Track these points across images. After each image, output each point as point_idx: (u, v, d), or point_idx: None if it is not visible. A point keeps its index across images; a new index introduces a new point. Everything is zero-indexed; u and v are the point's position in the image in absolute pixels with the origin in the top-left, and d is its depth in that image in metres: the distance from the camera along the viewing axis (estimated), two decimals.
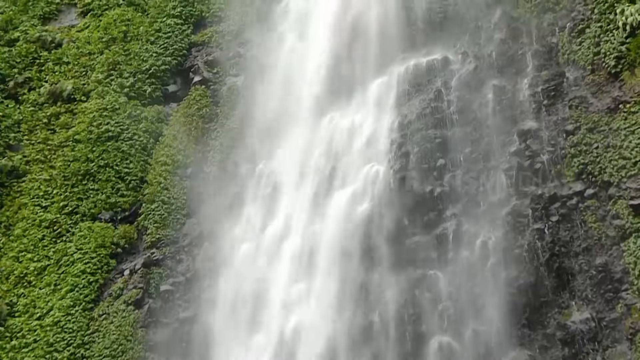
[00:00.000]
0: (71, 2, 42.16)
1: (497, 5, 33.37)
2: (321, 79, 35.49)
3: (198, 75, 39.05)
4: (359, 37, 35.41)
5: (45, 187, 36.13)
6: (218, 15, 40.63)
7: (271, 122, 36.07)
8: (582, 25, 30.71)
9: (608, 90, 29.30)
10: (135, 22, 40.54)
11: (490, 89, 31.90)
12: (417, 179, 31.29)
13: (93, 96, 38.33)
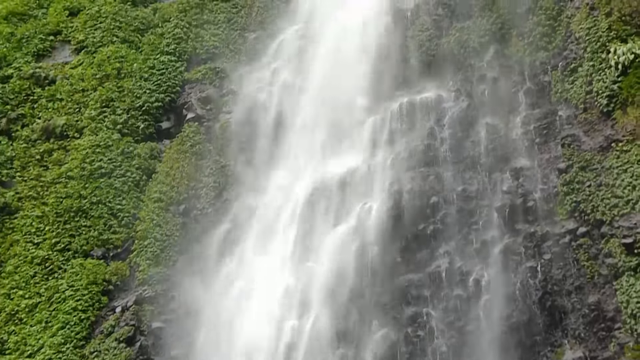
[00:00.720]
0: (65, 39, 42.19)
1: (490, 44, 33.55)
2: (313, 114, 35.54)
3: (191, 112, 39.02)
4: (352, 74, 35.42)
5: (37, 223, 35.99)
6: (212, 53, 40.69)
7: (264, 159, 36.10)
8: (574, 64, 30.89)
9: (600, 129, 29.42)
10: (129, 59, 40.57)
11: (483, 127, 32.03)
12: (410, 217, 31.27)
13: (86, 133, 38.26)
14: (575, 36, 31.12)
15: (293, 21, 39.39)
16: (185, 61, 40.73)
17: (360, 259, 30.86)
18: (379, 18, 36.14)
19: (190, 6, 41.91)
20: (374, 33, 35.98)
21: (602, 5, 30.27)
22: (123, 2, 43.01)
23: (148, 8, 43.02)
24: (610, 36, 29.83)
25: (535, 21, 32.67)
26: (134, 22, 42.09)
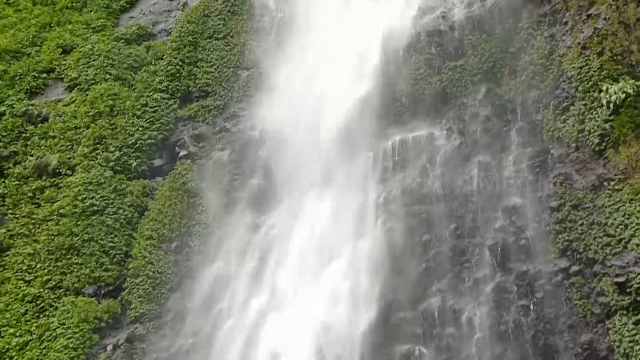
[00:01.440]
0: (58, 77, 42.31)
1: (482, 82, 33.63)
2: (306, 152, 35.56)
3: (184, 150, 39.04)
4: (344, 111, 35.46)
5: (29, 261, 35.87)
6: (205, 90, 40.76)
7: (257, 197, 36.10)
8: (566, 103, 30.94)
9: (592, 168, 29.44)
10: (122, 96, 40.63)
11: (475, 165, 32.05)
12: (402, 255, 31.22)
13: (78, 170, 38.23)
14: (567, 75, 31.19)
15: (286, 60, 39.41)
16: (178, 99, 40.81)
17: (352, 297, 30.79)
18: (371, 56, 36.14)
19: (183, 44, 42.03)
20: (366, 71, 35.99)
21: (594, 44, 30.40)
22: (116, 40, 43.22)
23: (141, 46, 43.18)
24: (602, 75, 29.90)
25: (527, 60, 32.77)
26: (127, 60, 42.24)
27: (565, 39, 31.94)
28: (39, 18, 44.94)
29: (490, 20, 34.40)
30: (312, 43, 38.46)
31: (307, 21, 39.55)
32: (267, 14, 42.18)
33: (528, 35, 33.21)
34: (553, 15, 32.79)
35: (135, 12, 45.32)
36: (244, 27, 42.01)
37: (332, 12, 39.03)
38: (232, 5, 43.03)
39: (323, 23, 38.92)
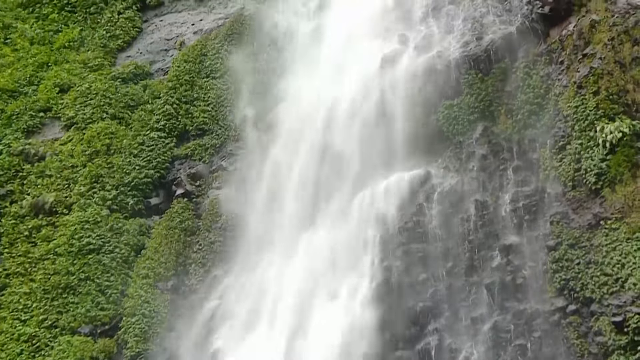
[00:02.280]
0: (55, 116, 42.30)
1: (478, 121, 33.66)
2: (304, 193, 35.58)
3: (181, 188, 39.09)
4: (341, 151, 35.55)
5: (25, 300, 35.78)
6: (202, 129, 40.85)
7: (253, 236, 36.07)
8: (562, 142, 30.94)
9: (589, 207, 29.43)
10: (119, 135, 40.68)
11: (472, 204, 32.04)
12: (399, 294, 31.19)
13: (75, 209, 38.21)
14: (564, 114, 31.21)
15: (283, 98, 39.54)
16: (175, 137, 40.87)
17: (348, 336, 30.70)
18: (368, 95, 36.20)
19: (180, 83, 42.15)
20: (363, 110, 36.04)
21: (590, 83, 30.46)
22: (113, 79, 43.29)
23: (138, 85, 43.25)
24: (598, 114, 29.91)
25: (524, 99, 32.80)
26: (124, 99, 42.30)
27: (561, 78, 32.02)
28: (36, 57, 45.02)
29: (486, 59, 34.46)
30: (311, 81, 38.53)
31: (307, 60, 39.65)
32: (266, 54, 42.29)
33: (524, 74, 33.25)
34: (549, 55, 32.87)
35: (132, 51, 45.47)
36: (241, 66, 42.05)
37: (330, 50, 39.13)
38: (228, 45, 43.20)
39: (321, 61, 39.04)
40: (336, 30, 39.33)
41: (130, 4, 47.17)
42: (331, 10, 40.73)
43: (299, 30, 41.47)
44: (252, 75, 41.68)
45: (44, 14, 47.57)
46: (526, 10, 33.95)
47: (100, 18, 46.65)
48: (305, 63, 39.52)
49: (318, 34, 40.15)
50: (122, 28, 46.13)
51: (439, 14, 37.41)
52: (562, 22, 32.79)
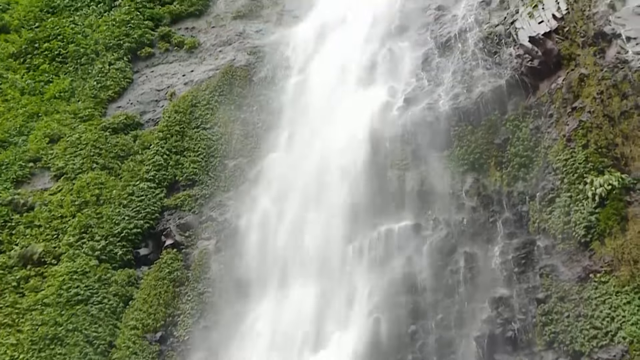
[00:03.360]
0: (45, 166, 42.22)
1: (468, 173, 33.79)
2: (292, 243, 35.57)
3: (170, 239, 38.98)
4: (332, 201, 35.58)
5: (11, 351, 35.39)
6: (191, 179, 40.82)
7: (242, 287, 35.97)
8: (552, 195, 31.05)
9: (578, 260, 29.45)
10: (109, 185, 40.62)
11: (461, 256, 32.10)
12: (389, 345, 31.09)
13: (64, 259, 38.02)
14: (553, 167, 31.36)
15: (273, 149, 39.65)
16: (164, 188, 40.81)
17: None
18: (358, 146, 36.29)
19: (170, 134, 42.21)
20: (353, 161, 36.12)
21: (579, 137, 30.63)
22: (103, 129, 43.30)
23: (128, 135, 43.29)
24: (587, 168, 30.05)
25: (513, 151, 32.96)
26: (114, 149, 42.30)
27: (550, 131, 32.19)
28: (26, 108, 45.08)
29: (476, 111, 34.68)
30: (300, 132, 38.67)
31: (296, 111, 39.83)
32: (256, 105, 42.46)
33: (514, 127, 33.45)
34: (538, 108, 33.07)
35: (123, 101, 45.55)
36: (232, 117, 42.23)
37: (319, 101, 39.28)
38: (219, 96, 43.36)
39: (310, 112, 39.18)
40: (325, 82, 39.54)
41: (122, 55, 47.41)
42: (321, 62, 40.96)
43: (289, 82, 41.72)
44: (242, 125, 41.78)
45: (35, 64, 47.77)
46: (516, 63, 34.21)
47: (91, 69, 46.84)
48: (294, 114, 39.69)
49: (308, 86, 40.39)
50: (113, 79, 46.29)
51: (429, 66, 37.69)
52: (551, 76, 33.03)
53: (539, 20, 33.56)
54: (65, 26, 49.05)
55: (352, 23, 41.82)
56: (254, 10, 48.60)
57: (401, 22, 40.32)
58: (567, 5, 32.87)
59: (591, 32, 31.64)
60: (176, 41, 48.10)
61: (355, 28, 41.29)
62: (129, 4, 49.59)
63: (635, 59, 29.86)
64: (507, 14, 36.13)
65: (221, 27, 48.21)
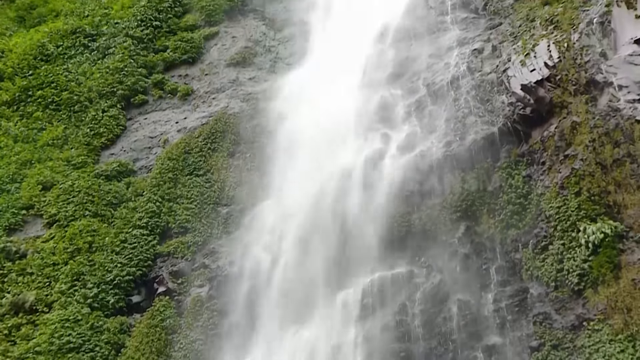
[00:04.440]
0: (37, 213, 42.16)
1: (461, 220, 33.79)
2: (285, 290, 35.50)
3: (162, 286, 38.84)
4: (325, 249, 35.55)
5: None
6: (184, 226, 40.78)
7: (234, 333, 35.84)
8: (545, 242, 31.08)
9: (572, 307, 29.43)
10: (101, 232, 40.55)
11: (454, 303, 32.03)
12: None
13: (56, 307, 37.86)
14: (546, 214, 31.41)
15: (265, 196, 39.67)
16: (157, 234, 40.73)
17: None
18: (351, 193, 36.34)
19: (163, 180, 42.22)
20: (346, 207, 36.15)
21: (572, 184, 30.70)
22: (96, 176, 43.32)
23: (121, 182, 43.30)
24: (580, 215, 30.11)
25: (506, 199, 33.02)
26: (106, 196, 42.28)
27: (543, 178, 32.26)
28: (19, 155, 45.10)
29: (468, 159, 34.73)
30: (293, 180, 38.71)
31: (288, 158, 39.88)
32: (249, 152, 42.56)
33: (506, 174, 33.52)
34: (531, 155, 33.17)
35: (116, 149, 45.61)
36: (224, 164, 42.29)
37: (312, 148, 39.35)
38: (212, 143, 43.46)
39: (303, 159, 39.24)
40: (318, 129, 39.59)
41: (115, 103, 47.54)
42: (313, 109, 41.02)
43: (282, 129, 41.75)
44: (235, 172, 41.84)
45: (29, 112, 47.85)
46: (508, 111, 34.32)
47: (85, 116, 46.94)
48: (287, 161, 39.73)
49: (301, 133, 40.40)
50: (106, 126, 46.36)
51: (421, 114, 37.78)
52: (543, 124, 33.15)
53: (531, 68, 33.74)
54: (59, 74, 49.28)
55: (345, 70, 41.94)
56: (248, 57, 48.86)
57: (394, 69, 40.45)
58: (559, 54, 33.09)
59: (583, 80, 31.84)
60: (170, 88, 48.29)
61: (348, 75, 41.43)
62: (123, 51, 49.82)
63: (627, 107, 30.04)
64: (499, 62, 36.30)
65: (214, 74, 48.40)
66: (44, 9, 57.18)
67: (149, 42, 50.84)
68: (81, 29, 52.39)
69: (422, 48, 40.49)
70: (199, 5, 52.77)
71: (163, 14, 52.27)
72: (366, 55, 41.92)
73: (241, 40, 50.14)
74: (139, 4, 52.99)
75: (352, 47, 43.08)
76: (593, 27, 32.65)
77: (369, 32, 43.23)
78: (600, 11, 32.78)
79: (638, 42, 30.85)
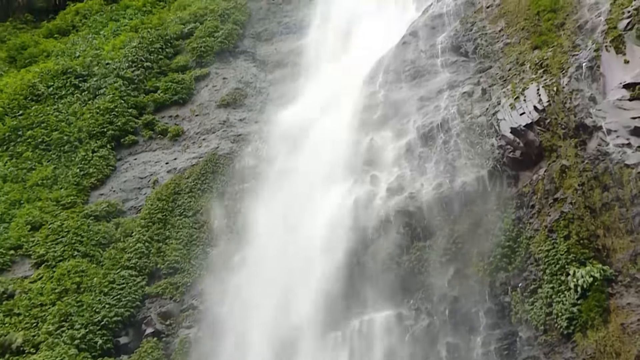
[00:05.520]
0: (26, 254, 42.05)
1: (450, 263, 33.74)
2: (273, 336, 35.38)
3: (150, 327, 38.71)
4: (313, 290, 35.54)
5: None
6: (173, 267, 40.69)
7: None
8: (534, 286, 31.03)
9: (561, 351, 29.33)
10: (90, 273, 40.42)
11: (443, 347, 32.00)
12: None
13: (43, 348, 37.62)
14: (535, 258, 31.38)
15: (256, 237, 39.60)
16: (146, 275, 40.66)
17: None
18: (340, 235, 36.31)
19: (152, 221, 42.18)
20: (335, 249, 36.12)
21: (561, 228, 30.71)
22: (86, 216, 43.26)
23: (110, 223, 43.22)
24: (569, 259, 30.05)
25: (495, 242, 32.96)
26: (95, 237, 42.20)
27: (532, 221, 32.25)
28: (8, 195, 45.09)
29: (458, 201, 34.75)
30: (283, 223, 38.70)
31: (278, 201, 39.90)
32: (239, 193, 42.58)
33: (496, 217, 33.49)
34: (520, 198, 33.16)
35: (105, 189, 45.56)
36: (214, 205, 42.31)
37: (301, 190, 39.39)
38: (202, 184, 43.48)
39: (293, 201, 39.24)
40: (308, 171, 39.65)
41: (105, 143, 47.58)
42: (303, 150, 41.13)
43: (272, 170, 41.81)
44: (224, 213, 41.82)
45: (18, 152, 47.89)
46: (497, 154, 34.37)
47: (75, 156, 46.94)
48: (277, 203, 39.73)
49: (290, 175, 40.47)
50: (96, 166, 46.35)
51: (411, 156, 37.81)
52: (533, 167, 33.19)
53: (521, 111, 33.84)
54: (50, 114, 49.35)
55: (335, 112, 42.06)
56: (238, 99, 49.01)
57: (384, 111, 40.50)
58: (548, 98, 33.23)
59: (572, 124, 31.96)
60: (160, 129, 48.34)
61: (338, 117, 41.52)
62: (114, 92, 49.91)
63: (616, 151, 30.13)
64: (489, 105, 36.40)
65: (205, 115, 48.52)
66: (35, 49, 57.58)
67: (140, 83, 50.97)
68: (72, 70, 52.52)
69: (412, 90, 40.57)
70: (190, 46, 53.03)
71: (154, 55, 52.48)
72: (356, 97, 42.01)
73: (232, 82, 50.34)
74: (130, 45, 53.22)
75: (342, 89, 43.25)
76: (582, 72, 32.85)
77: (359, 74, 43.39)
78: (590, 56, 33.00)
79: (627, 86, 31.00)
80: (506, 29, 38.86)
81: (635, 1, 33.00)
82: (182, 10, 56.99)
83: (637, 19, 32.46)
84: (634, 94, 30.67)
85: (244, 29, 54.73)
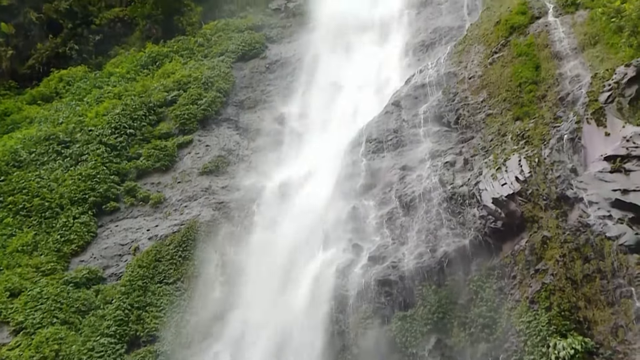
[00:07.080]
0: (4, 320, 41.64)
1: (432, 333, 33.69)
2: None
3: None
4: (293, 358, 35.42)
5: None
6: (153, 335, 40.40)
7: None
8: (515, 357, 31.00)
9: None
10: (68, 341, 40.06)
11: None
12: None
13: None
14: (516, 329, 31.36)
15: (236, 306, 39.53)
16: (125, 343, 40.33)
17: None
18: (322, 303, 36.26)
19: (133, 288, 41.94)
20: (316, 318, 36.12)
21: (542, 299, 30.76)
22: (65, 283, 42.99)
23: (90, 290, 42.92)
24: (550, 330, 30.09)
25: (477, 312, 32.96)
26: (75, 304, 41.88)
27: (513, 292, 32.29)
28: None
29: (439, 271, 34.77)
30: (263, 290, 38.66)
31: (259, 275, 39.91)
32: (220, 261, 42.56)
33: (477, 287, 33.51)
34: (502, 269, 33.22)
35: (86, 255, 45.35)
36: (195, 272, 42.15)
37: (282, 259, 39.41)
38: (183, 251, 43.33)
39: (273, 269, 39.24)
40: (289, 239, 39.75)
41: (86, 209, 47.43)
42: (285, 219, 41.23)
43: (253, 239, 41.94)
44: (205, 281, 41.68)
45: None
46: (479, 224, 34.47)
47: (56, 222, 46.73)
48: (257, 272, 39.72)
49: (272, 243, 40.58)
50: (77, 233, 46.16)
51: (393, 225, 37.88)
52: (514, 237, 33.30)
53: (502, 182, 34.05)
54: (31, 180, 49.21)
55: (317, 180, 42.25)
56: (220, 166, 49.08)
57: (366, 180, 40.71)
58: (530, 169, 33.45)
59: (554, 195, 32.15)
60: (142, 196, 48.26)
61: (320, 186, 41.69)
62: (96, 158, 49.91)
63: (597, 223, 30.28)
64: (471, 175, 36.60)
65: (187, 182, 48.52)
66: (18, 115, 57.68)
67: (122, 150, 51.00)
68: (55, 136, 52.52)
69: (394, 160, 40.78)
70: (173, 114, 53.15)
71: (137, 122, 52.57)
72: (339, 166, 42.19)
73: (215, 149, 50.43)
74: (114, 112, 53.30)
75: (324, 158, 43.48)
76: (564, 143, 33.13)
77: (342, 142, 43.65)
78: (571, 128, 33.29)
79: (608, 159, 31.23)
80: (488, 99, 39.17)
81: (615, 75, 33.42)
82: (165, 77, 57.13)
83: (617, 92, 32.86)
84: (615, 166, 30.88)
85: (227, 97, 54.93)
